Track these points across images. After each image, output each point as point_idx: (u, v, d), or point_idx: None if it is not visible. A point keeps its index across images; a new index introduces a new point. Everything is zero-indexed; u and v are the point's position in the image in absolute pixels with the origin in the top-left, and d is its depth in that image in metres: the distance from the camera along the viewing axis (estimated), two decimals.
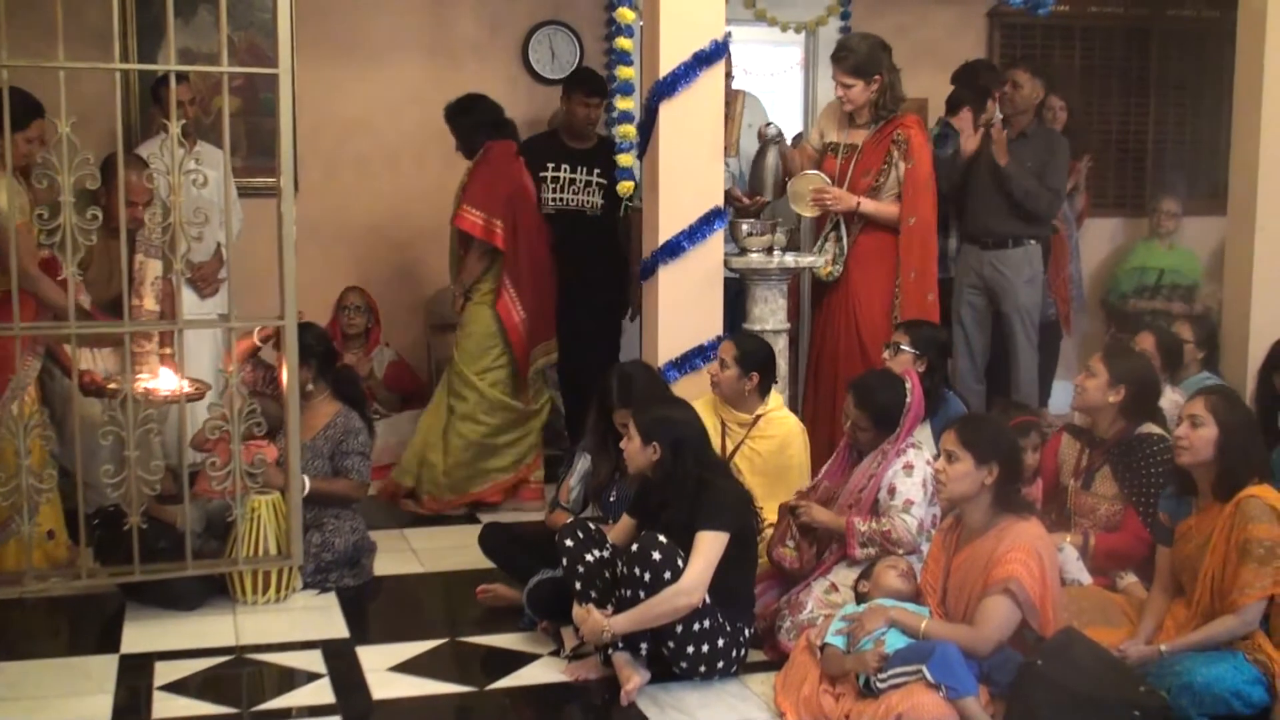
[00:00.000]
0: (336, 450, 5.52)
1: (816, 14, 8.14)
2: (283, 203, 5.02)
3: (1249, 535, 4.03)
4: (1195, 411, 4.21)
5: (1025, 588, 3.96)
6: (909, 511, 4.63)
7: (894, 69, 5.93)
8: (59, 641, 4.94)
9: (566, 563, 4.46)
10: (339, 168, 7.55)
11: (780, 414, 5.33)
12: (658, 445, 4.44)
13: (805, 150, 6.27)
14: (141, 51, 7.16)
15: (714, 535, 4.30)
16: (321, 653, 4.70)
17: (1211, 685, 3.92)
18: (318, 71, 7.34)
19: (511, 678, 4.50)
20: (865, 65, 5.85)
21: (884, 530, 4.62)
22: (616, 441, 5.01)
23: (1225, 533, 4.11)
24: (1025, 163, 6.70)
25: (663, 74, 5.49)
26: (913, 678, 3.88)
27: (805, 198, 5.96)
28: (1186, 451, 4.20)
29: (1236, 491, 4.13)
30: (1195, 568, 4.19)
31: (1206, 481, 4.22)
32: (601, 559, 4.45)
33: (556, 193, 6.99)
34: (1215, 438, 4.15)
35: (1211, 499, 4.21)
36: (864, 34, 6.10)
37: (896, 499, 4.66)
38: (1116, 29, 8.92)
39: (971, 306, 6.87)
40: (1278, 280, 6.24)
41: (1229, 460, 4.15)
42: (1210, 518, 4.19)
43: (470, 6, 7.86)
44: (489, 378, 6.54)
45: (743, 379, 5.18)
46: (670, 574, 4.23)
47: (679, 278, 5.60)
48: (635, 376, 5.19)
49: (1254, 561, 4.01)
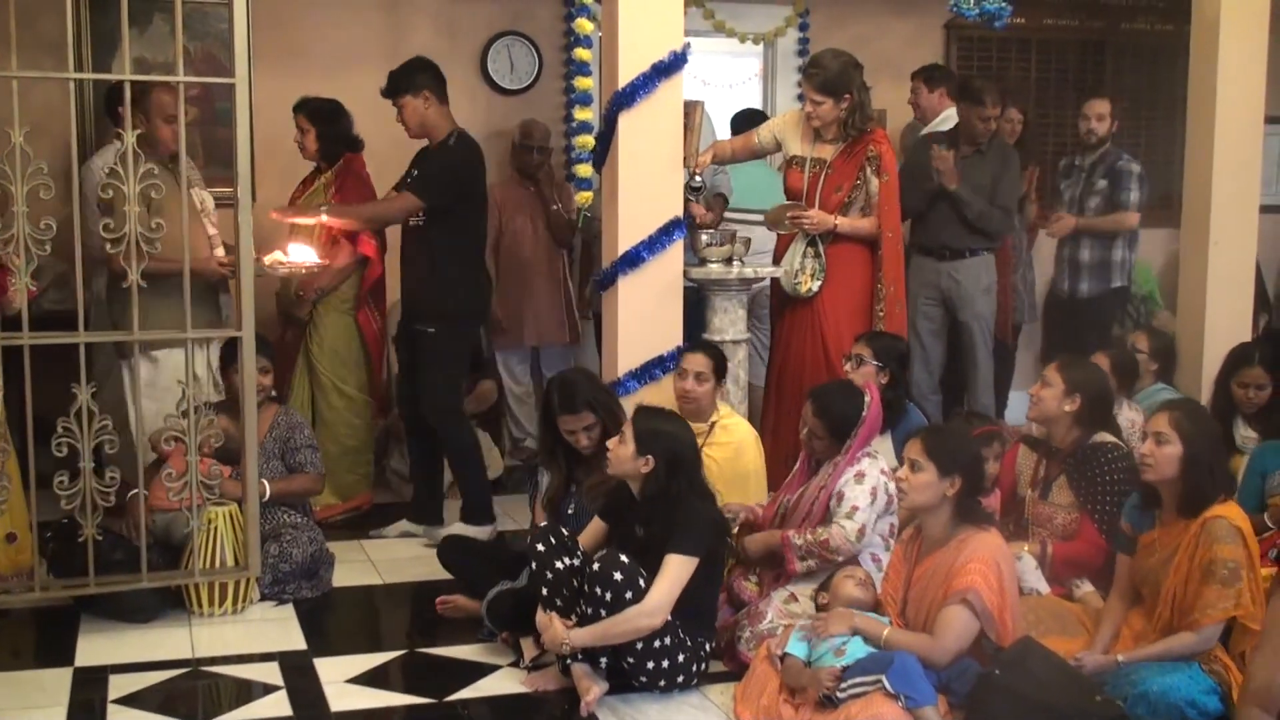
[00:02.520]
0: (285, 449, 5.57)
1: (775, 25, 8.18)
2: (239, 213, 5.00)
3: (1214, 556, 4.04)
4: (1160, 429, 4.20)
5: (983, 598, 3.98)
6: (852, 517, 4.62)
7: (865, 88, 5.93)
8: (12, 654, 4.87)
9: (535, 567, 4.44)
10: (296, 178, 7.50)
11: (733, 420, 5.36)
12: (652, 458, 4.40)
13: (749, 139, 6.27)
14: (96, 61, 7.10)
15: (683, 560, 4.28)
16: (279, 665, 4.67)
17: (1167, 694, 3.94)
18: (274, 81, 7.30)
19: (471, 689, 4.49)
20: (836, 83, 5.84)
21: (821, 540, 4.63)
22: (566, 452, 5.01)
23: (1190, 551, 4.12)
24: (981, 179, 6.74)
25: (621, 85, 5.50)
26: (872, 687, 3.90)
27: (783, 222, 5.97)
28: (1151, 469, 4.20)
29: (1202, 507, 4.13)
30: (1157, 581, 4.21)
31: (1171, 497, 4.22)
32: (571, 567, 4.43)
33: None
34: (1180, 454, 4.14)
35: (1176, 514, 4.21)
36: (837, 51, 6.01)
37: (844, 505, 4.66)
38: (1071, 41, 8.99)
39: (928, 318, 6.90)
40: (1231, 292, 6.32)
41: (1194, 477, 4.14)
42: (1175, 533, 4.20)
43: (428, 16, 7.83)
44: (353, 382, 6.66)
45: (716, 389, 5.21)
46: (631, 594, 4.22)
47: (639, 288, 5.60)
48: (577, 382, 5.11)
49: (1217, 582, 4.03)
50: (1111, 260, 7.30)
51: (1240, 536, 4.07)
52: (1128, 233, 7.30)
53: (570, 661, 4.32)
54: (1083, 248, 7.31)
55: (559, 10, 7.99)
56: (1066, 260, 7.40)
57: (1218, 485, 4.17)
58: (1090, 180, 7.31)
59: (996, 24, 6.25)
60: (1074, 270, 7.35)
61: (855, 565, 4.56)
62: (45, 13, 5.98)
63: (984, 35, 8.51)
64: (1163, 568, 4.19)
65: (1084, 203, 7.32)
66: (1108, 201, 7.24)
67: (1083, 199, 7.33)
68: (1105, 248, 7.29)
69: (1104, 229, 7.24)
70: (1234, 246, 6.33)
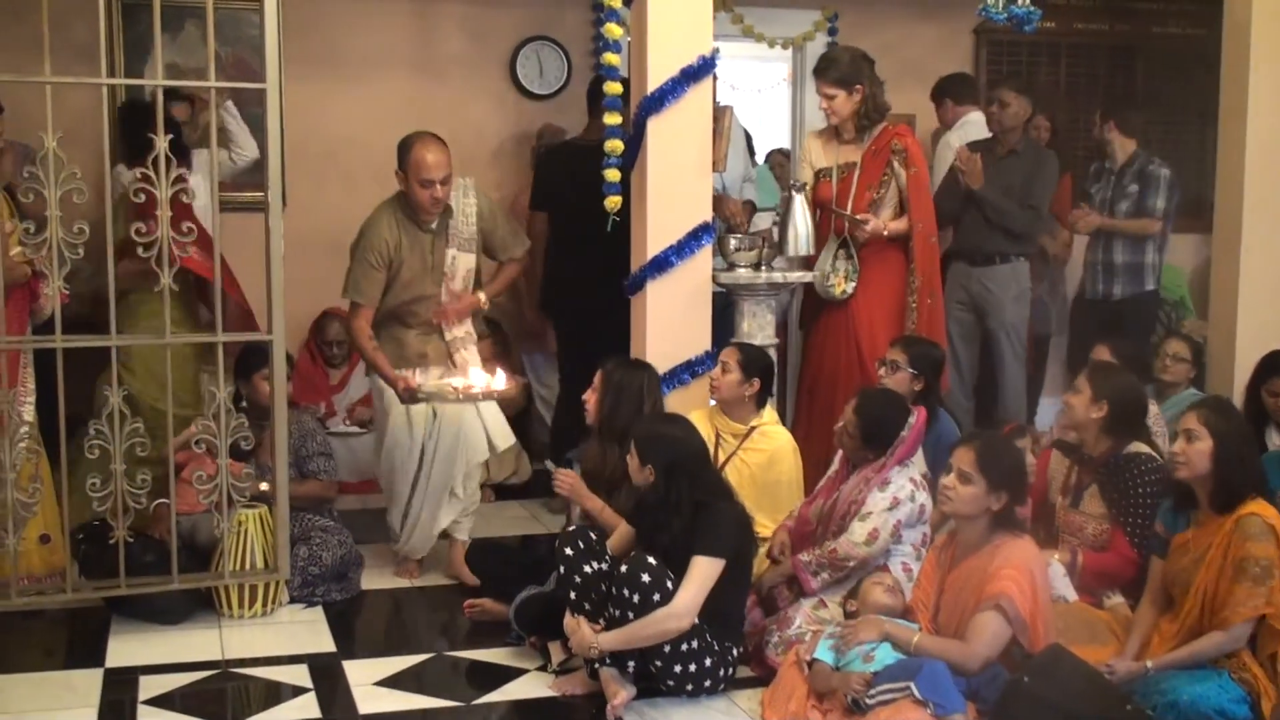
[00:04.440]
0: (298, 456, 5.57)
1: (804, 30, 8.18)
2: (270, 218, 5.02)
3: (1246, 553, 4.03)
4: (1190, 426, 4.20)
5: (1017, 605, 3.98)
6: (864, 520, 4.62)
7: (876, 80, 5.94)
8: (44, 655, 4.91)
9: (564, 571, 4.45)
10: (326, 183, 7.54)
11: (774, 428, 5.33)
12: (651, 467, 4.42)
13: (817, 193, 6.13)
14: (128, 66, 7.14)
15: (709, 561, 4.28)
16: (308, 667, 4.69)
17: (1197, 703, 3.91)
18: (305, 87, 7.34)
19: (498, 692, 4.50)
20: (847, 75, 5.85)
21: (829, 551, 4.64)
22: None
23: (1223, 548, 4.11)
24: (1013, 180, 6.73)
25: (651, 90, 5.49)
26: (901, 694, 3.89)
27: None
28: (1184, 466, 4.20)
29: (1235, 503, 4.12)
30: (1189, 580, 4.19)
31: (1205, 493, 4.21)
32: (599, 571, 4.44)
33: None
34: (1211, 450, 4.14)
35: (1210, 512, 4.20)
36: (846, 46, 6.12)
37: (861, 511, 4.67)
38: (1102, 46, 8.95)
39: (959, 323, 6.89)
40: (1263, 299, 6.27)
41: (1225, 472, 4.14)
42: (1208, 531, 4.19)
43: (457, 22, 7.85)
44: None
45: (744, 384, 5.19)
46: (659, 597, 4.23)
47: (667, 293, 5.59)
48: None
49: (1249, 580, 4.01)
50: (1144, 263, 7.27)
51: (1273, 535, 4.04)
52: (1158, 236, 7.27)
53: (598, 666, 4.32)
54: (1115, 251, 7.29)
55: (588, 15, 8.00)
56: (1100, 264, 7.37)
57: (1250, 478, 4.16)
58: (1120, 184, 7.28)
59: (1026, 28, 6.23)
60: (1107, 273, 7.32)
61: (885, 571, 4.54)
62: (78, 19, 6.02)
63: (1013, 40, 8.48)
64: (1195, 566, 4.17)
65: (1114, 206, 7.29)
66: (1137, 205, 7.22)
67: (1113, 202, 7.30)
68: (1138, 251, 7.26)
69: (1127, 231, 7.21)
70: (1266, 253, 6.28)
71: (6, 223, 5.05)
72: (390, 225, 5.46)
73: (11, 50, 5.30)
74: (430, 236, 5.53)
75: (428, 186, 5.36)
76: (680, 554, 4.31)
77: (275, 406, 5.12)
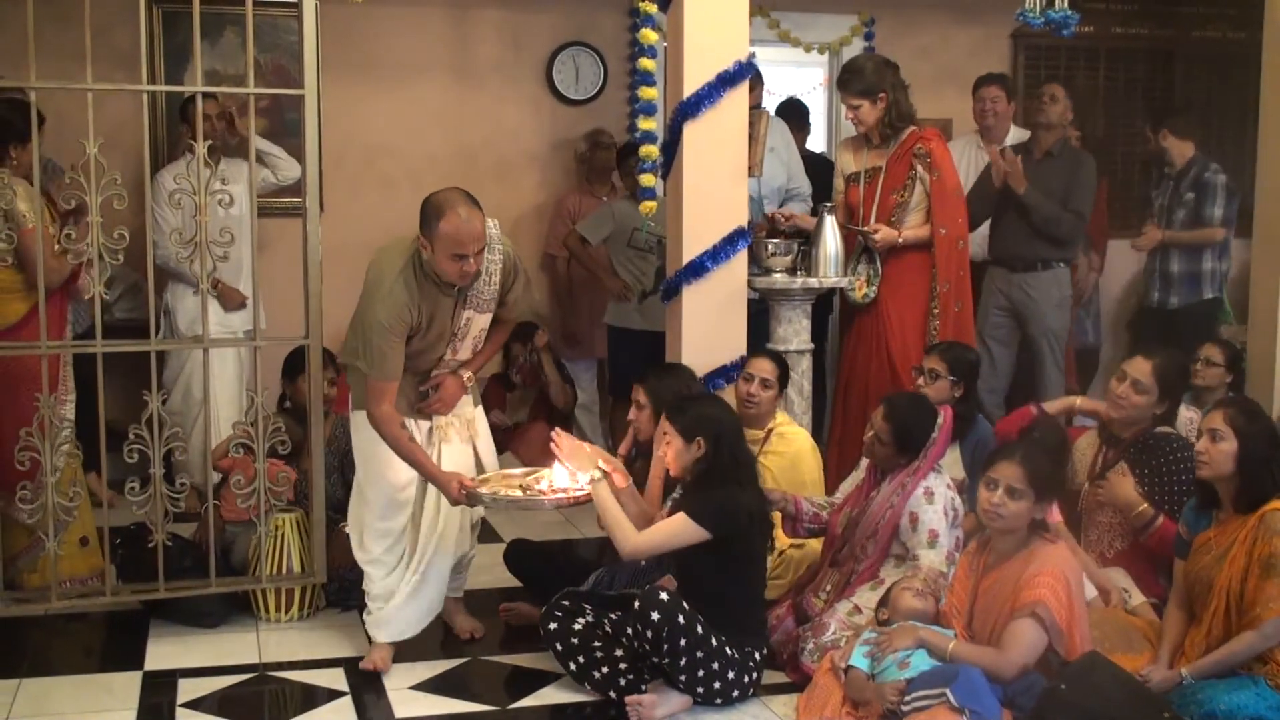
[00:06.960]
0: (345, 461, 5.56)
1: (840, 35, 8.19)
2: (308, 223, 5.05)
3: (1274, 549, 3.99)
4: (1215, 425, 4.17)
5: (1052, 611, 3.95)
6: (934, 545, 4.59)
7: (900, 85, 5.94)
8: (83, 658, 4.95)
9: (562, 649, 4.49)
10: (363, 188, 7.57)
11: (791, 429, 5.35)
12: (701, 440, 4.38)
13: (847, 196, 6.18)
14: (168, 73, 7.21)
15: (687, 521, 4.28)
16: (344, 671, 4.71)
17: (1234, 713, 3.88)
18: (342, 92, 7.37)
19: (533, 697, 4.51)
20: (870, 85, 5.85)
21: (926, 579, 4.47)
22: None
23: (1247, 545, 4.07)
24: (1051, 183, 6.70)
25: (686, 95, 5.50)
26: (936, 701, 3.87)
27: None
28: (1207, 465, 4.17)
29: (1259, 504, 4.09)
30: (1210, 578, 4.16)
31: (1228, 494, 4.19)
32: (588, 623, 4.50)
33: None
34: (1235, 451, 4.12)
35: (1233, 512, 4.18)
36: (868, 54, 6.17)
37: (920, 530, 4.61)
38: (1140, 50, 8.91)
39: (997, 328, 6.86)
40: None
41: (1250, 472, 4.12)
42: (1231, 529, 4.16)
43: (493, 28, 7.88)
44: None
45: (779, 396, 5.21)
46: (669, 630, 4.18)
47: (703, 298, 5.60)
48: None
49: (1277, 576, 3.98)
50: (1201, 271, 7.23)
51: None
52: (1216, 244, 7.22)
53: (644, 687, 4.36)
54: (1172, 260, 7.25)
55: (624, 21, 8.02)
56: (1157, 273, 7.32)
57: (1276, 480, 4.12)
58: (1178, 191, 7.23)
59: (1064, 32, 6.20)
60: (1164, 282, 7.29)
61: (913, 576, 4.51)
62: (119, 27, 6.07)
63: (1051, 44, 8.44)
64: (1217, 564, 4.14)
65: (1171, 214, 7.25)
66: (1194, 213, 7.17)
67: (1170, 210, 7.25)
68: (1194, 259, 7.21)
69: (1190, 243, 7.17)
70: None
71: (49, 226, 5.10)
72: (412, 292, 4.59)
73: (55, 58, 5.34)
74: (451, 300, 4.71)
75: (460, 260, 4.51)
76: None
77: (311, 408, 5.15)
